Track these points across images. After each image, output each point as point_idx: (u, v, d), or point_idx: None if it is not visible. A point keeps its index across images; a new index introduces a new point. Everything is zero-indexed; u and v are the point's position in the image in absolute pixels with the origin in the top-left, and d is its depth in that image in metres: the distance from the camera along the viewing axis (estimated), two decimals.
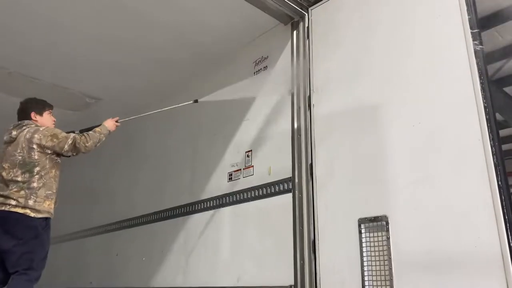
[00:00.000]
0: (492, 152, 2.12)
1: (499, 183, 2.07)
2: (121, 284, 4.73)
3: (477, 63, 2.28)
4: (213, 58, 4.22)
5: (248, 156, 3.67)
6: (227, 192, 3.74)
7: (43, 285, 3.38)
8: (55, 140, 3.00)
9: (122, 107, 5.21)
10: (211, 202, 3.89)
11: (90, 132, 3.13)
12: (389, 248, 2.41)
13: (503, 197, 2.05)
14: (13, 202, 2.83)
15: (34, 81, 4.59)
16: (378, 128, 2.67)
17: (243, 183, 3.62)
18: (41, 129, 3.07)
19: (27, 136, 3.01)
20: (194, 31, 3.81)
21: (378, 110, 2.70)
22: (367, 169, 2.67)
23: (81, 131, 3.30)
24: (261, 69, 3.77)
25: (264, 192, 3.40)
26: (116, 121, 3.34)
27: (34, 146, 2.97)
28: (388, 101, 2.66)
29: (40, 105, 3.27)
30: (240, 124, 3.85)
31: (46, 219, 2.95)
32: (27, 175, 2.92)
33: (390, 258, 2.39)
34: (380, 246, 2.46)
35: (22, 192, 2.86)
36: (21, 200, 2.84)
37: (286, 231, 3.08)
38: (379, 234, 2.48)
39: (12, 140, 3.04)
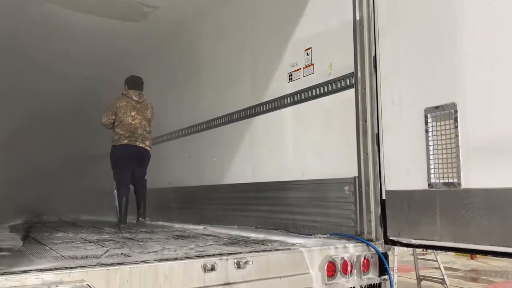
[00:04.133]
0: None
1: None
2: (196, 183, 5.18)
3: None
4: None
5: (307, 54, 3.60)
6: (288, 92, 3.77)
7: None
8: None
9: (179, 14, 5.21)
10: (273, 103, 3.96)
11: None
12: (456, 136, 2.37)
13: None
14: (147, 143, 4.83)
15: None
16: (448, 11, 2.46)
17: (303, 82, 3.62)
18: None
19: (150, 105, 4.94)
20: None
21: None
22: (435, 56, 2.53)
23: None
24: None
25: (326, 90, 3.38)
26: None
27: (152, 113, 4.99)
28: None
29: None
30: (298, 21, 3.71)
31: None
32: (150, 128, 4.86)
33: (457, 146, 2.36)
34: (448, 134, 2.43)
35: (150, 138, 4.86)
36: (149, 143, 4.84)
37: (349, 126, 3.11)
38: (447, 122, 2.43)
39: (141, 102, 4.82)
